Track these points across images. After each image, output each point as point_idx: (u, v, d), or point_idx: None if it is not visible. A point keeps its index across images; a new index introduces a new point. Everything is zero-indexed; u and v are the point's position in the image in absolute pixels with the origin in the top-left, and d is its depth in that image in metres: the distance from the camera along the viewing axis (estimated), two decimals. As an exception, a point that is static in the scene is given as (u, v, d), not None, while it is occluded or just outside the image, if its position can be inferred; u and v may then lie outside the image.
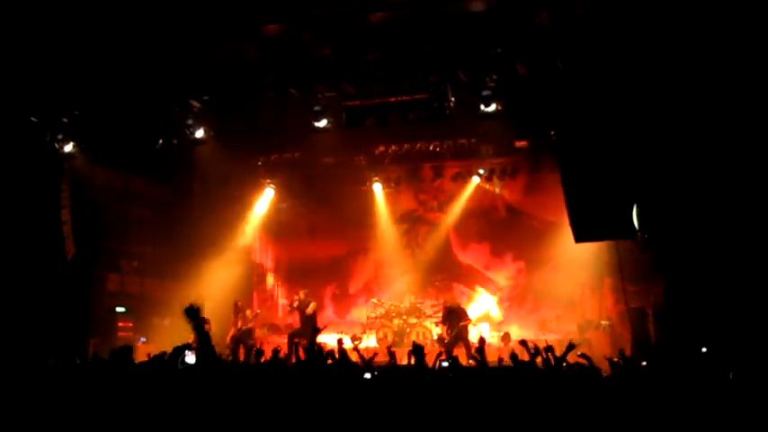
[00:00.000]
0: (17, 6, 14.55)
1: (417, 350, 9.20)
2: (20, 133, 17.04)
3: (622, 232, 15.22)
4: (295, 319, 19.98)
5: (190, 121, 17.36)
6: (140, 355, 13.40)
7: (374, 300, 23.00)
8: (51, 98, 16.66)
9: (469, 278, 23.89)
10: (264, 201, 23.89)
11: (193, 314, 6.93)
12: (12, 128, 16.86)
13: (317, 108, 16.65)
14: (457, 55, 15.07)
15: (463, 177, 22.91)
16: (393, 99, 16.62)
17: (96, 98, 16.75)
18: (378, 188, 23.62)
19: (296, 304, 19.50)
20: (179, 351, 6.85)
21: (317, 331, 15.36)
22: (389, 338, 20.64)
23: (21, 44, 15.24)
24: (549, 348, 10.31)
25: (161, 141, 17.97)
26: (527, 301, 22.99)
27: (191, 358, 7.37)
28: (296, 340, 18.23)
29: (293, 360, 12.94)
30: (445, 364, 9.58)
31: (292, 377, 8.02)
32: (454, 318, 18.65)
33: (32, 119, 17.10)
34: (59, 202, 17.67)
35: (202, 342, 6.92)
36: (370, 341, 21.13)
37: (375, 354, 10.65)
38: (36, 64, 15.77)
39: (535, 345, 10.70)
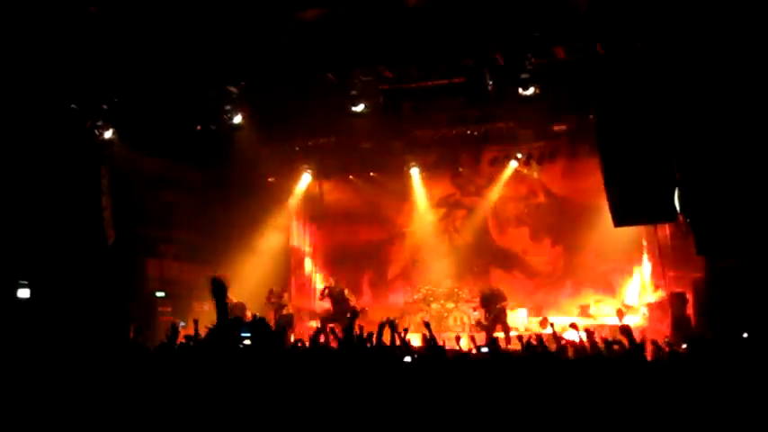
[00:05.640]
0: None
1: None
2: (60, 120, 17.22)
3: (663, 215, 15.08)
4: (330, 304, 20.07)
5: (228, 107, 17.40)
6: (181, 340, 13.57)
7: (412, 285, 22.94)
8: (91, 85, 16.80)
9: (507, 263, 23.73)
10: (302, 186, 24.02)
11: (219, 289, 6.52)
12: (53, 115, 17.04)
13: (354, 92, 16.61)
14: (495, 38, 14.96)
15: (501, 162, 22.84)
16: (430, 83, 16.59)
17: (135, 85, 16.87)
18: (415, 172, 23.58)
19: (326, 292, 19.58)
20: (233, 325, 6.76)
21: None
22: (427, 323, 20.63)
23: (61, 32, 15.37)
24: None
25: (199, 127, 18.10)
26: (566, 285, 22.80)
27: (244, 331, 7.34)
28: (330, 325, 18.30)
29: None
30: (484, 349, 9.45)
31: (332, 361, 8.03)
32: (492, 301, 18.63)
33: (73, 106, 17.27)
34: (99, 188, 17.84)
35: (220, 322, 6.72)
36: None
37: (406, 329, 10.67)
38: (76, 52, 15.90)
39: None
